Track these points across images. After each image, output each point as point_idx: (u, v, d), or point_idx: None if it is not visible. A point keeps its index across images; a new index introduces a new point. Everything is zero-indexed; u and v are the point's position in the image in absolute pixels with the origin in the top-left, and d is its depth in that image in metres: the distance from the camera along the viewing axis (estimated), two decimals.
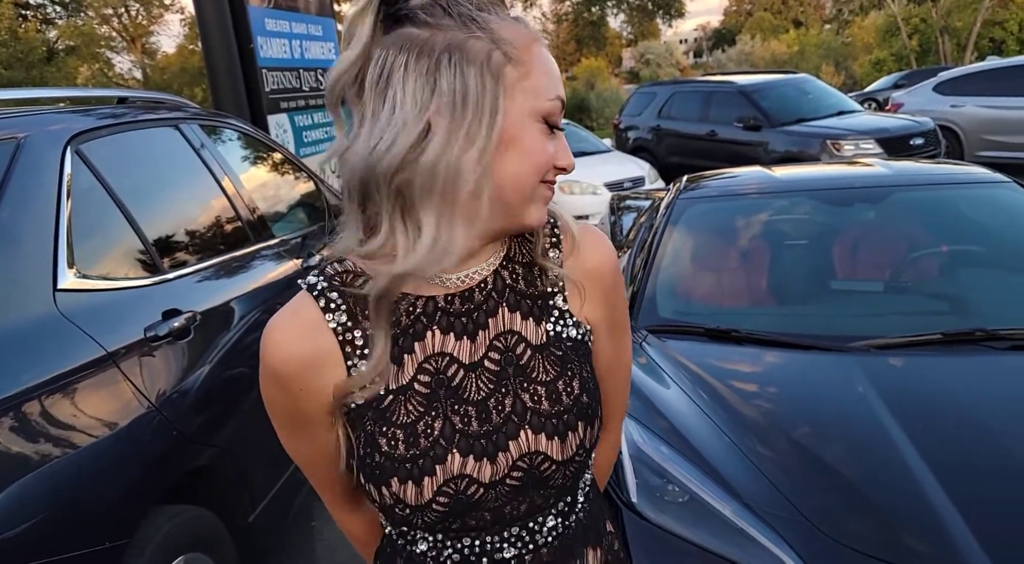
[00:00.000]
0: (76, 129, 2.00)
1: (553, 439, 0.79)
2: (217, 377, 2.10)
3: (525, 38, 0.76)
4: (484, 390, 0.80)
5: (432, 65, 0.72)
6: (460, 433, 0.78)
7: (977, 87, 9.04)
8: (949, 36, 25.79)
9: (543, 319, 0.84)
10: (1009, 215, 2.52)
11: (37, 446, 1.51)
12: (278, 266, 2.71)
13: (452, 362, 0.80)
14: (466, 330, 0.81)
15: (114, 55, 25.98)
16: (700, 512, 1.64)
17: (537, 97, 0.76)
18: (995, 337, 1.97)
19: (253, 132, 3.33)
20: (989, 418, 1.75)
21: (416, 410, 0.78)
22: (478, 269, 0.82)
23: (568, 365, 0.83)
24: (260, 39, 5.11)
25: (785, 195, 2.88)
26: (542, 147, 0.76)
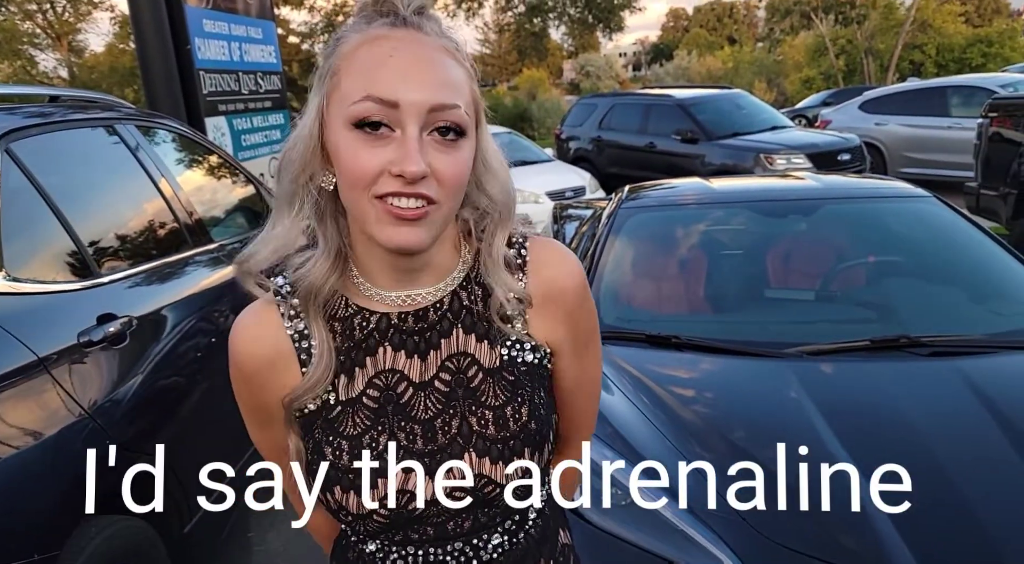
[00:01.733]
0: (5, 127, 1.92)
1: (497, 464, 0.80)
2: (153, 384, 2.04)
3: (354, 44, 0.74)
4: (432, 410, 0.81)
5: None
6: (404, 450, 0.79)
7: (899, 107, 9.50)
8: (873, 57, 27.02)
9: (498, 343, 0.83)
10: (930, 228, 2.67)
11: None
12: (216, 271, 2.65)
13: (402, 380, 0.81)
14: (418, 349, 0.82)
15: (38, 53, 24.94)
16: (643, 515, 1.68)
17: (343, 105, 0.72)
18: (918, 344, 2.08)
19: (191, 134, 3.25)
20: (914, 420, 1.84)
21: (363, 423, 0.80)
22: (430, 289, 0.82)
23: (519, 391, 0.82)
24: (198, 40, 5.00)
25: (722, 206, 2.97)
26: (353, 157, 0.71)
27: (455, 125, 0.73)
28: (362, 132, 0.71)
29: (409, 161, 0.70)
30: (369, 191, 0.72)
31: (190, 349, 2.29)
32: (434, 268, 0.82)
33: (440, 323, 0.82)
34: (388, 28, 0.74)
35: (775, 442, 1.82)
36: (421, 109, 0.71)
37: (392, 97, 0.70)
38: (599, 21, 24.13)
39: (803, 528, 1.59)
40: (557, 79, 41.19)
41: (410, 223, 0.72)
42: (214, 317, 2.49)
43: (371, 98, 0.70)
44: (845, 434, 1.76)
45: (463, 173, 0.75)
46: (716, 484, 1.68)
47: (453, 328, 0.83)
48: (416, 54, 0.72)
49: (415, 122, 0.71)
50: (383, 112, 0.70)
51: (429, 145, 0.72)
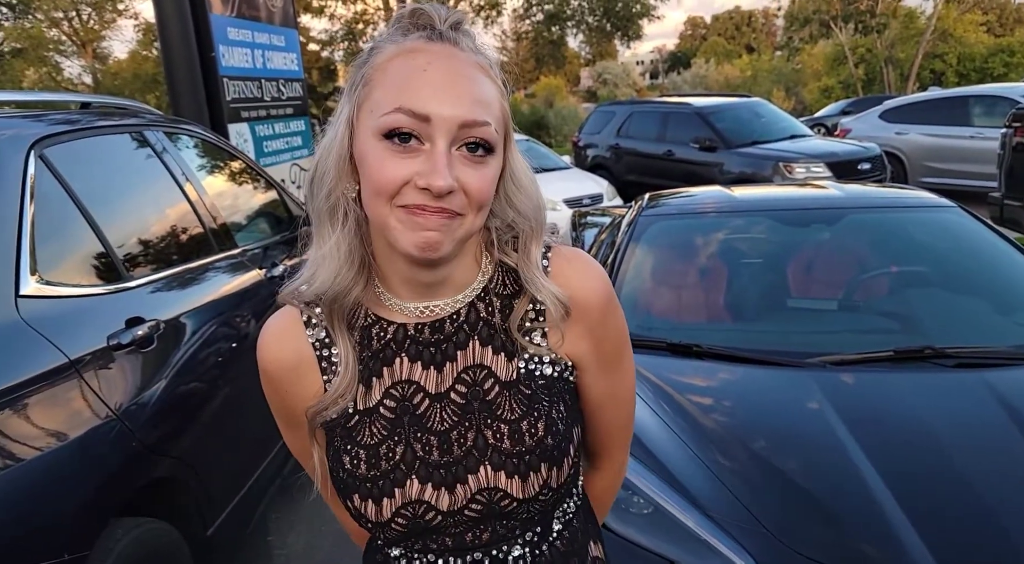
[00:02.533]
0: (40, 133, 1.96)
1: (513, 478, 0.79)
2: (179, 387, 2.06)
3: (390, 55, 0.75)
4: (448, 422, 0.81)
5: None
6: (420, 461, 0.80)
7: (921, 116, 9.44)
8: (893, 66, 26.85)
9: (515, 355, 0.83)
10: (954, 238, 2.65)
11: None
12: (241, 276, 2.68)
13: (418, 391, 0.82)
14: (434, 360, 0.82)
15: (63, 59, 25.33)
16: (664, 523, 1.68)
17: (374, 115, 0.72)
18: (943, 355, 2.06)
19: (216, 140, 3.29)
20: (938, 432, 1.82)
21: (380, 433, 0.81)
22: (448, 301, 0.83)
23: (536, 405, 0.81)
24: (222, 48, 5.06)
25: (744, 215, 2.96)
26: (380, 167, 0.72)
27: (484, 142, 0.73)
28: (391, 143, 0.71)
29: (437, 175, 0.70)
30: (392, 201, 0.72)
31: (215, 353, 2.32)
32: (454, 281, 0.82)
33: (456, 335, 0.83)
34: (424, 41, 0.74)
35: (798, 452, 1.83)
36: (452, 124, 0.71)
37: (424, 110, 0.70)
38: (617, 29, 24.14)
39: (825, 538, 1.58)
40: (574, 87, 41.26)
41: (430, 226, 0.72)
42: (238, 321, 2.51)
43: (403, 110, 0.71)
44: (869, 445, 1.75)
45: (489, 190, 0.75)
46: (739, 493, 1.69)
47: (469, 340, 0.83)
48: (450, 69, 0.73)
49: (445, 137, 0.71)
50: (414, 124, 0.71)
51: (457, 160, 0.72)
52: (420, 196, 0.71)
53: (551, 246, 0.85)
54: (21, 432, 1.51)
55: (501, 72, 0.79)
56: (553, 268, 0.83)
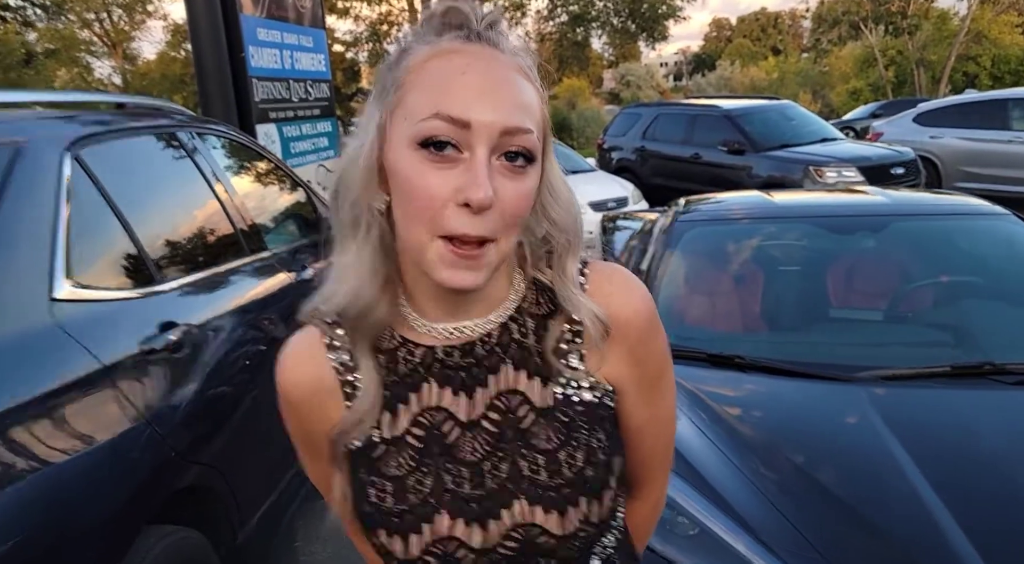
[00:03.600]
0: (76, 134, 1.94)
1: (551, 513, 0.73)
2: (209, 392, 2.03)
3: (425, 56, 0.69)
4: (480, 452, 0.75)
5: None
6: (451, 494, 0.74)
7: (956, 119, 9.24)
8: (924, 69, 26.43)
9: (551, 380, 0.77)
10: (1009, 247, 2.54)
11: (29, 462, 1.43)
12: (272, 279, 2.65)
13: (448, 418, 0.76)
14: (464, 386, 0.76)
15: (94, 60, 25.72)
16: (711, 546, 1.61)
17: (409, 121, 0.67)
18: (1003, 371, 1.97)
19: (247, 141, 3.27)
20: (999, 451, 1.74)
21: (407, 464, 0.75)
22: (479, 321, 0.76)
23: (574, 434, 0.75)
24: (252, 48, 5.05)
25: (785, 221, 2.88)
26: (418, 179, 0.66)
27: (526, 151, 0.67)
28: (427, 152, 0.66)
29: (477, 187, 0.64)
30: (433, 223, 0.66)
31: (244, 357, 2.29)
32: (486, 299, 0.76)
33: (488, 358, 0.76)
34: (461, 42, 0.69)
35: (850, 471, 1.75)
36: (493, 131, 0.65)
37: (464, 116, 0.65)
38: (642, 30, 24.04)
39: (879, 560, 1.51)
40: (597, 88, 41.13)
41: (468, 264, 0.67)
42: (268, 325, 2.48)
43: (441, 116, 0.65)
44: (927, 465, 1.67)
45: (526, 205, 0.69)
46: (788, 514, 1.62)
47: (502, 364, 0.76)
48: (491, 72, 0.67)
49: (485, 145, 0.65)
50: (452, 132, 0.65)
51: (496, 171, 0.66)
52: (461, 217, 0.65)
53: (587, 261, 0.79)
54: (55, 439, 1.48)
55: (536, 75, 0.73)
56: (591, 285, 0.78)
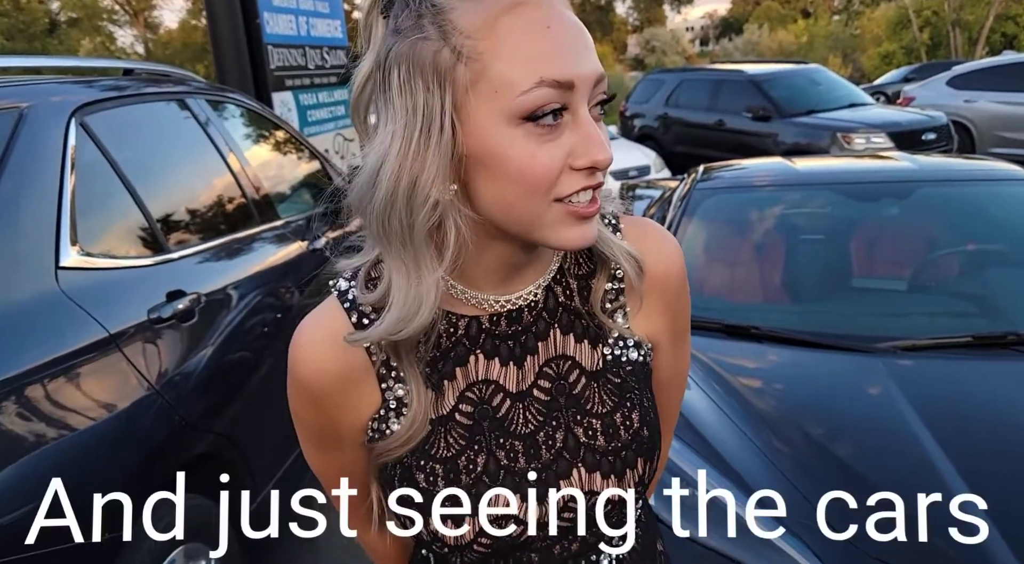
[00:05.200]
0: (81, 100, 1.91)
1: (609, 477, 0.71)
2: (220, 361, 2.03)
3: (487, 15, 0.59)
4: (533, 423, 0.72)
5: (388, 83, 0.62)
6: (505, 470, 0.71)
7: (992, 82, 8.93)
8: (961, 30, 25.58)
9: (600, 341, 0.74)
10: None
11: (36, 429, 1.44)
12: (283, 248, 2.64)
13: (498, 391, 0.72)
14: (513, 355, 0.72)
15: (116, 29, 25.79)
16: (726, 521, 1.58)
17: (504, 96, 0.59)
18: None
19: (260, 109, 3.24)
20: (1020, 423, 1.69)
21: (457, 443, 0.71)
22: (528, 288, 0.72)
23: (627, 394, 0.73)
24: (267, 14, 5.00)
25: (806, 188, 2.80)
26: (529, 158, 0.59)
27: (606, 95, 0.64)
28: (535, 126, 0.59)
29: (599, 148, 0.60)
30: (549, 195, 0.61)
31: (257, 326, 2.28)
32: (538, 263, 0.72)
33: (536, 324, 0.72)
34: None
35: (867, 445, 1.70)
36: (590, 83, 0.61)
37: (568, 77, 0.59)
38: None
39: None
40: (621, 55, 40.44)
41: (588, 219, 0.63)
42: (280, 293, 2.48)
43: (546, 82, 0.58)
44: (946, 439, 1.63)
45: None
46: (802, 488, 1.59)
47: (550, 329, 0.73)
48: (567, 17, 0.61)
49: (585, 100, 0.61)
50: (559, 96, 0.59)
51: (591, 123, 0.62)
52: (579, 179, 0.61)
53: (619, 215, 0.76)
54: (61, 407, 1.49)
55: None
56: (626, 239, 0.75)
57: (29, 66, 2.33)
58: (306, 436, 0.78)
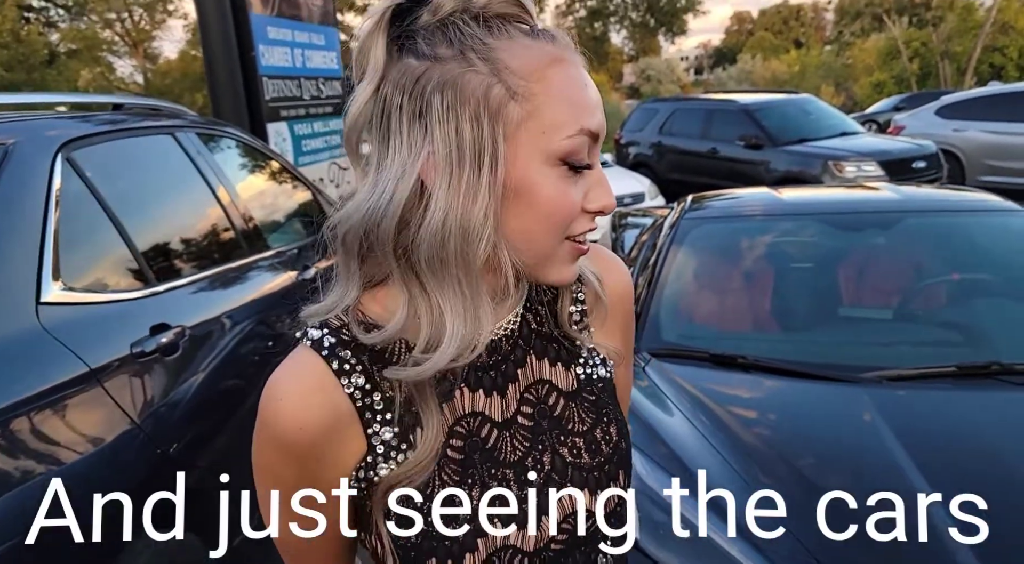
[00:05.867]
0: (68, 136, 1.93)
1: (597, 493, 0.73)
2: (204, 395, 2.02)
3: (539, 62, 0.64)
4: (520, 449, 0.73)
5: (424, 107, 0.63)
6: (500, 500, 0.71)
7: (981, 112, 9.05)
8: (949, 60, 25.96)
9: (572, 363, 0.77)
10: (1022, 244, 2.47)
11: (12, 466, 1.43)
12: (272, 279, 2.64)
13: (485, 422, 0.72)
14: (496, 385, 0.73)
15: (116, 59, 26.04)
16: (705, 551, 1.57)
17: (550, 137, 0.64)
18: (1012, 371, 1.91)
19: (251, 141, 3.27)
20: (1006, 455, 1.69)
21: (451, 479, 0.70)
22: (509, 318, 0.74)
23: (603, 410, 0.76)
24: (262, 47, 5.07)
25: (793, 218, 2.83)
26: (561, 197, 0.65)
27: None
28: (566, 169, 0.65)
29: (608, 195, 0.67)
30: (564, 232, 0.67)
31: (243, 358, 2.28)
32: (517, 293, 0.74)
33: (514, 352, 0.74)
34: (552, 45, 0.66)
35: (850, 475, 1.70)
36: (602, 138, 0.68)
37: (597, 129, 0.66)
38: (661, 24, 23.89)
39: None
40: (617, 83, 40.90)
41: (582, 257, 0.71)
42: (270, 324, 2.47)
43: (584, 132, 0.65)
44: (929, 469, 1.62)
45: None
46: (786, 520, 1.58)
47: (527, 355, 0.75)
48: (589, 78, 0.68)
49: (597, 152, 0.68)
50: (588, 145, 0.66)
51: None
52: (588, 221, 0.68)
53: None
54: (40, 443, 1.48)
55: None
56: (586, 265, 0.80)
57: (19, 103, 2.36)
58: (279, 497, 0.72)
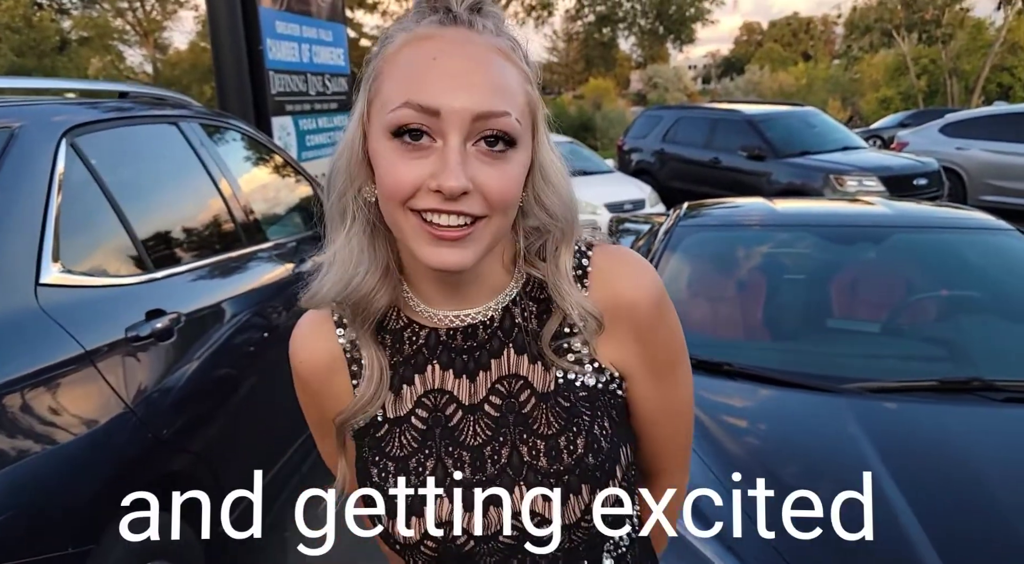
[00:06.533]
0: (73, 122, 1.96)
1: (550, 500, 0.72)
2: (198, 380, 2.05)
3: (400, 44, 0.69)
4: (481, 436, 0.75)
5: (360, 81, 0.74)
6: (450, 477, 0.74)
7: (983, 131, 9.08)
8: (958, 78, 25.99)
9: (553, 364, 0.76)
10: (1011, 263, 2.50)
11: (3, 443, 1.46)
12: (269, 270, 2.68)
13: (451, 401, 0.76)
14: (467, 369, 0.76)
15: (126, 48, 26.10)
16: (682, 552, 1.60)
17: (384, 109, 0.67)
18: (992, 387, 1.94)
19: (254, 134, 3.31)
20: (981, 469, 1.71)
21: (410, 445, 0.75)
22: (480, 309, 0.76)
23: (575, 419, 0.74)
24: (269, 41, 5.11)
25: (785, 229, 2.85)
26: (389, 168, 0.66)
27: (504, 134, 0.66)
28: (401, 141, 0.66)
29: (448, 175, 0.64)
30: (405, 205, 0.66)
31: (238, 347, 2.31)
32: (485, 285, 0.76)
33: (490, 342, 0.76)
34: (436, 27, 0.68)
35: (825, 483, 1.73)
36: (464, 117, 0.64)
37: (433, 104, 0.64)
38: (670, 32, 23.93)
39: None
40: (624, 90, 40.93)
41: (451, 243, 0.66)
42: (266, 315, 2.51)
43: (410, 105, 0.65)
44: (903, 479, 1.65)
45: (511, 188, 0.68)
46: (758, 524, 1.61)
47: (504, 348, 0.76)
48: (465, 55, 0.67)
49: (458, 132, 0.65)
50: (423, 120, 0.65)
51: (474, 157, 0.66)
52: (433, 199, 0.65)
53: (593, 244, 0.78)
54: (32, 421, 1.51)
55: (527, 54, 0.72)
56: (595, 267, 0.77)
57: (27, 87, 2.39)
58: (309, 423, 0.87)
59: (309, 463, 2.91)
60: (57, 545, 1.50)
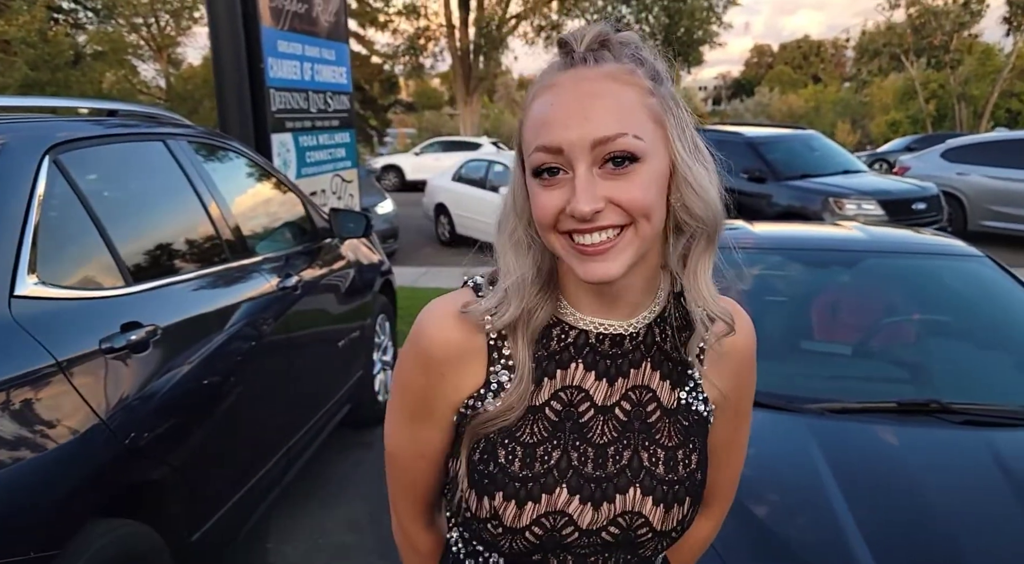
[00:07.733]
0: (58, 138, 2.02)
1: (659, 506, 0.80)
2: (173, 392, 2.09)
3: (534, 94, 0.77)
4: (608, 436, 0.82)
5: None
6: (574, 470, 0.80)
7: (985, 157, 9.10)
8: (966, 103, 26.00)
9: (679, 386, 0.85)
10: (980, 290, 2.53)
11: None
12: (253, 284, 2.72)
13: (585, 399, 0.82)
14: (608, 373, 0.82)
15: (140, 63, 26.42)
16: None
17: (527, 154, 0.76)
18: (948, 410, 1.96)
19: (247, 152, 3.37)
20: (927, 489, 1.74)
21: (541, 434, 0.81)
22: (623, 321, 0.82)
23: (692, 438, 0.84)
24: (271, 60, 5.19)
25: (762, 252, 2.89)
26: (535, 201, 0.75)
27: (627, 153, 0.72)
28: (541, 180, 0.74)
29: (577, 200, 0.71)
30: (555, 229, 0.75)
31: (217, 359, 2.35)
32: (630, 301, 0.81)
33: (633, 353, 0.83)
34: (557, 73, 0.76)
35: (777, 499, 1.75)
36: (583, 147, 0.71)
37: (555, 143, 0.72)
38: (677, 55, 24.06)
39: None
40: None
41: (598, 257, 0.73)
42: (241, 329, 2.54)
43: (539, 148, 0.73)
44: (854, 498, 1.68)
45: (642, 197, 0.72)
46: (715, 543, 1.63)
47: (643, 360, 0.84)
48: (577, 93, 0.73)
49: (583, 161, 0.72)
50: (553, 158, 0.73)
51: (602, 177, 0.72)
52: (573, 221, 0.73)
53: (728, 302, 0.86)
54: (0, 430, 1.55)
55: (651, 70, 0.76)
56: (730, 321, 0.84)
57: (21, 106, 2.46)
58: (402, 405, 0.87)
59: (292, 474, 2.94)
60: (20, 550, 1.53)
